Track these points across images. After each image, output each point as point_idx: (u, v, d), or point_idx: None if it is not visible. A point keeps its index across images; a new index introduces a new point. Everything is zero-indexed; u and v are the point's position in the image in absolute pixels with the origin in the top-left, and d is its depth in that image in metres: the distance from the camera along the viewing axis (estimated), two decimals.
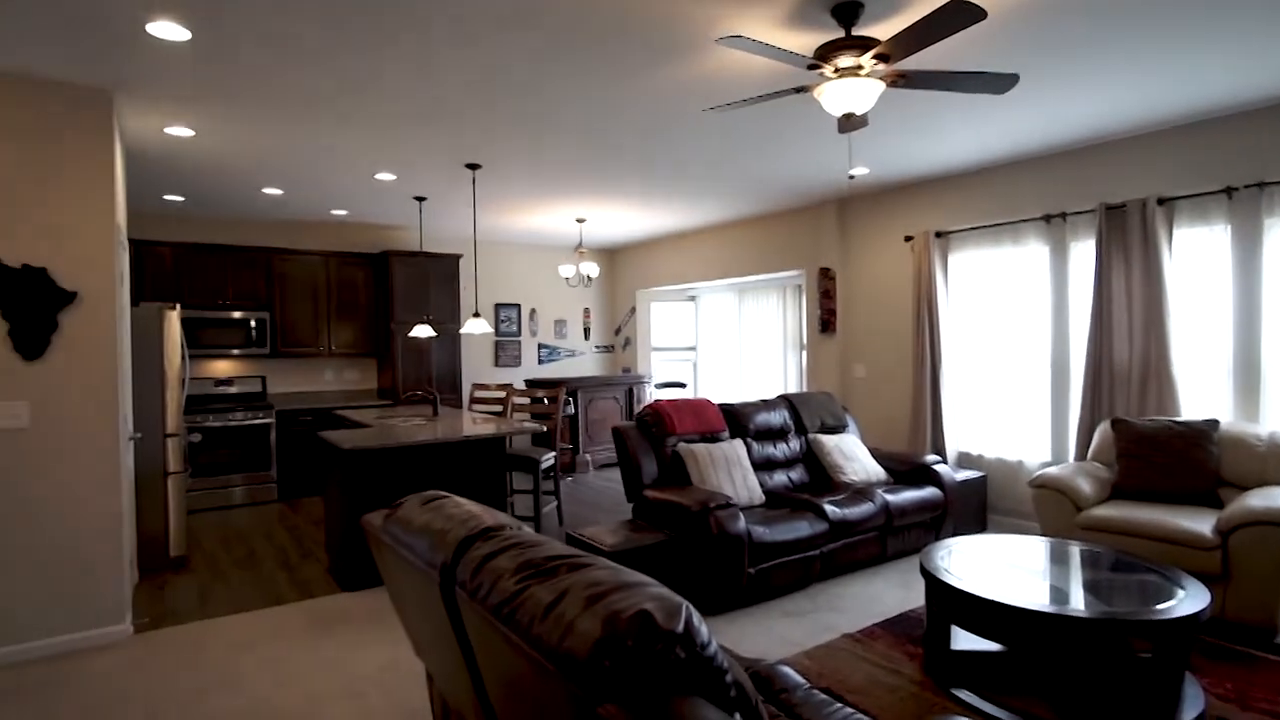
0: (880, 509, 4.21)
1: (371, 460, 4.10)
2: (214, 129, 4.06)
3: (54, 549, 3.29)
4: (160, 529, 4.49)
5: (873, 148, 4.69)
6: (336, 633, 3.44)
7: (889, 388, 6.00)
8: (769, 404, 4.84)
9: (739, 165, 5.08)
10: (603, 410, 7.92)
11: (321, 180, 5.33)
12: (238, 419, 6.31)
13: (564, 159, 4.82)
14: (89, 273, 3.38)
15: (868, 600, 3.79)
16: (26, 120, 3.25)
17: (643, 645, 0.99)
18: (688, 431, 4.33)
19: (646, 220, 7.28)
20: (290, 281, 6.86)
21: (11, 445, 3.21)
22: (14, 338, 3.20)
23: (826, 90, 2.67)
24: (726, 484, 4.09)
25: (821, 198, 6.27)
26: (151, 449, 4.47)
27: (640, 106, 3.77)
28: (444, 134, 4.21)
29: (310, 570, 4.45)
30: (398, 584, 1.88)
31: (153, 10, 2.63)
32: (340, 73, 3.26)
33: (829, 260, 6.39)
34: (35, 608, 3.25)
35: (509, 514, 4.81)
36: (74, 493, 3.34)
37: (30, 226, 3.25)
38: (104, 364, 3.41)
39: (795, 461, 4.78)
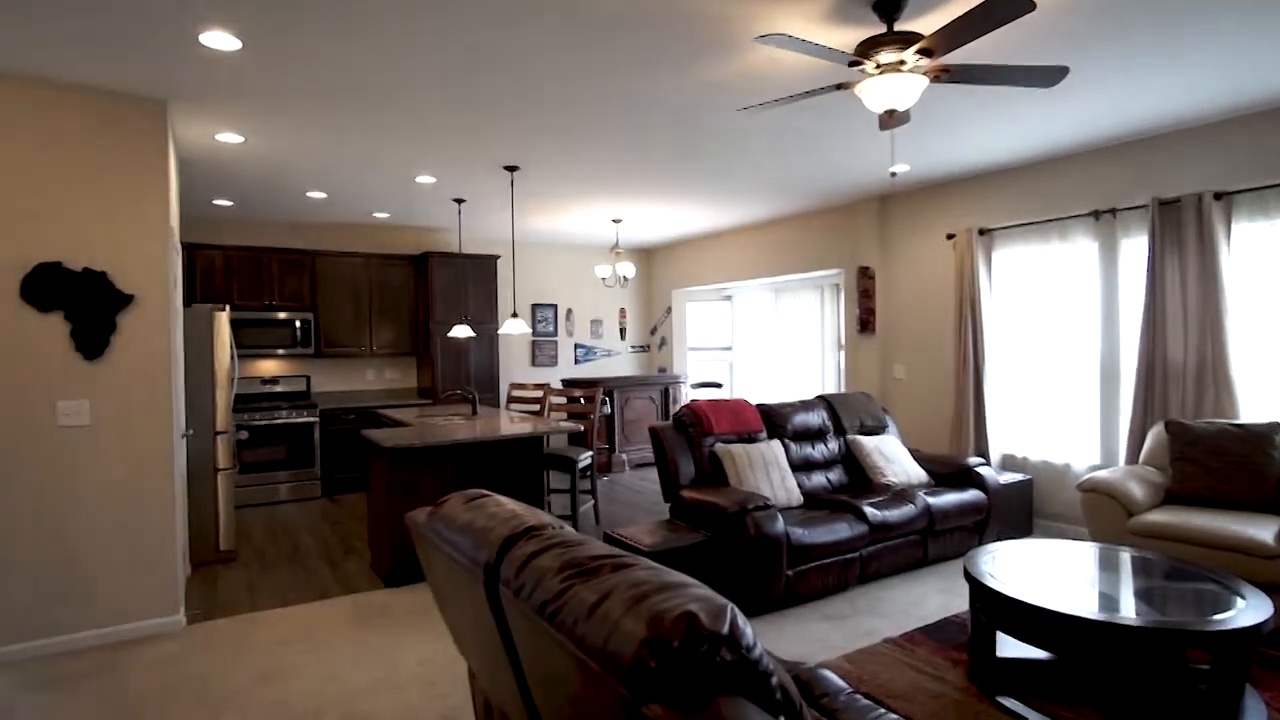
0: (921, 511, 4.13)
1: (412, 458, 4.17)
2: (262, 135, 4.17)
3: (112, 541, 3.42)
4: (211, 523, 4.63)
5: (914, 144, 4.61)
6: (378, 627, 3.51)
7: (930, 388, 5.89)
8: (807, 404, 4.79)
9: (777, 163, 5.04)
10: (639, 410, 7.93)
11: (364, 183, 5.44)
12: (283, 417, 6.47)
13: (600, 159, 4.84)
14: (145, 276, 3.50)
15: (909, 604, 3.73)
16: (87, 130, 3.38)
17: (688, 647, 0.99)
18: (725, 432, 4.31)
19: (683, 220, 7.27)
20: (333, 283, 7.02)
21: (74, 441, 3.34)
22: (76, 338, 3.33)
23: (868, 87, 2.64)
24: (764, 485, 4.07)
25: (861, 195, 6.19)
26: (202, 446, 4.61)
27: (678, 106, 3.76)
28: (483, 136, 4.26)
29: (353, 565, 4.55)
30: (441, 580, 1.91)
31: (205, 21, 2.72)
32: (383, 78, 3.32)
33: (868, 259, 6.30)
34: (95, 597, 3.38)
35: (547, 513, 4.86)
36: (131, 488, 3.46)
37: (91, 232, 3.38)
38: (159, 364, 3.53)
39: (834, 463, 4.72)
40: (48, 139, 3.30)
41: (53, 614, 3.29)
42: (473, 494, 1.93)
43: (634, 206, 6.48)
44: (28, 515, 3.25)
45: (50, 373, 3.29)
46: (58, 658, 3.23)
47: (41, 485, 3.28)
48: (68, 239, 3.33)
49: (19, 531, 3.24)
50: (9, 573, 3.22)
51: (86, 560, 3.37)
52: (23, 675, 3.06)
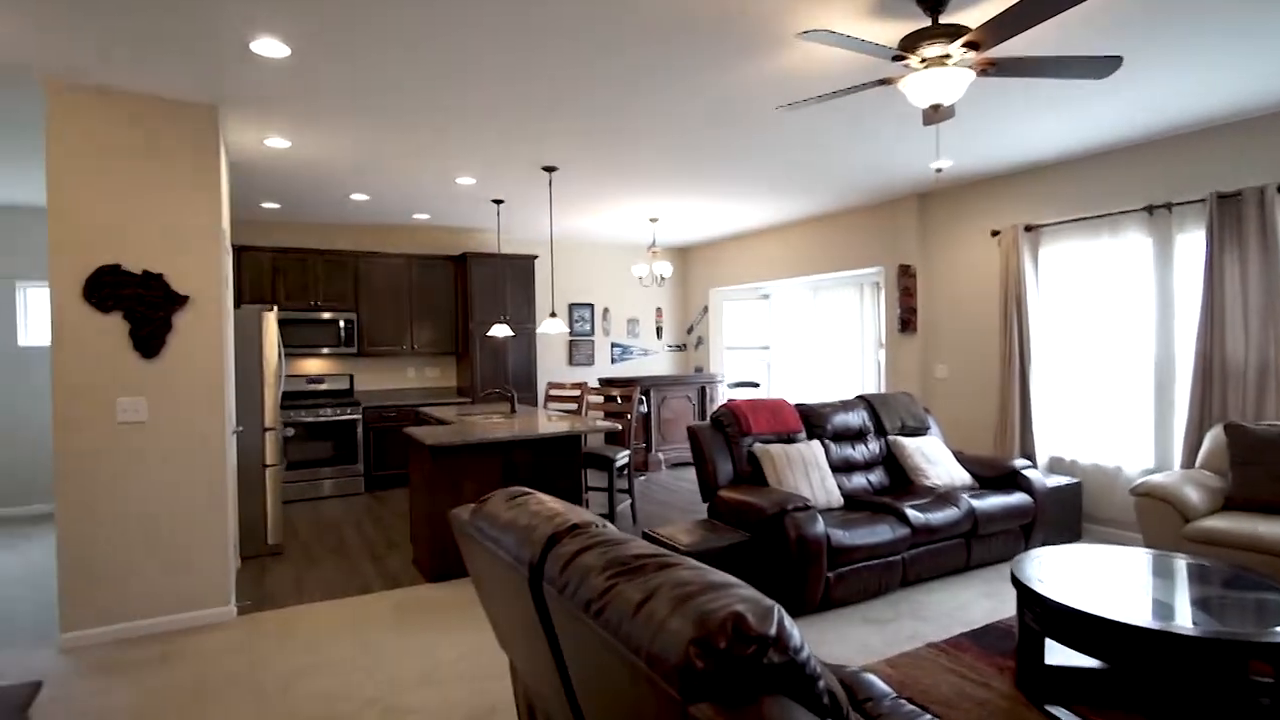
0: (965, 515, 4.05)
1: (454, 456, 4.22)
2: (308, 140, 4.27)
3: (168, 534, 3.54)
4: (259, 518, 4.76)
5: (958, 139, 4.51)
6: (421, 621, 3.57)
7: (973, 389, 5.77)
8: (847, 404, 4.73)
9: (816, 161, 4.98)
10: (675, 409, 7.92)
11: (405, 185, 5.53)
12: (327, 415, 6.62)
13: (638, 159, 4.84)
14: (199, 277, 3.61)
15: (953, 609, 3.65)
16: (144, 136, 3.50)
17: (736, 648, 0.98)
18: (763, 431, 4.27)
19: (720, 219, 7.24)
20: (375, 283, 7.15)
21: (133, 437, 3.46)
22: (134, 338, 3.46)
23: (912, 82, 2.59)
24: (804, 486, 4.03)
25: (902, 192, 6.08)
26: (251, 442, 4.74)
27: (717, 104, 3.75)
28: (522, 138, 4.30)
29: (396, 561, 4.63)
30: (484, 576, 1.93)
31: (256, 29, 2.79)
32: (425, 84, 3.37)
33: (909, 257, 6.19)
34: (151, 587, 3.50)
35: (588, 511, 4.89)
36: (185, 482, 3.58)
37: (148, 235, 3.50)
38: (212, 362, 3.64)
39: (875, 464, 4.66)
40: (108, 146, 3.42)
41: (112, 603, 3.42)
42: (515, 492, 1.95)
43: (671, 204, 6.48)
44: (90, 508, 3.38)
45: (111, 371, 3.42)
46: (117, 644, 3.35)
47: (103, 479, 3.41)
48: (126, 242, 3.45)
49: (82, 524, 3.37)
50: (73, 563, 3.35)
51: (144, 552, 3.49)
52: (89, 660, 3.19)
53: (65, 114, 3.34)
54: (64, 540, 3.34)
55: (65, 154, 3.35)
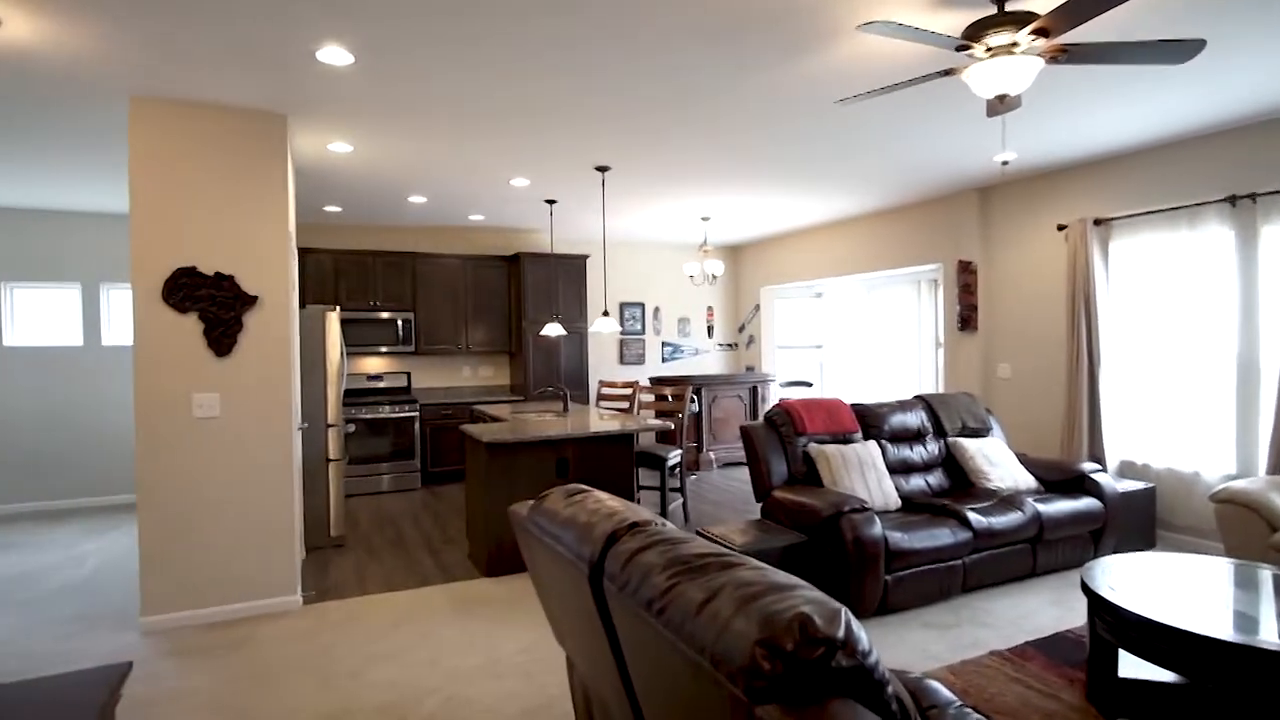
0: (1030, 519, 3.91)
1: (509, 453, 4.29)
2: (370, 144, 4.39)
3: (239, 525, 3.69)
4: (323, 511, 4.93)
5: (1022, 130, 4.36)
6: (478, 615, 3.63)
7: (1037, 389, 5.57)
8: (904, 404, 4.62)
9: (872, 155, 4.88)
10: (726, 409, 7.88)
11: (462, 187, 5.64)
12: (386, 412, 6.81)
13: (691, 156, 4.83)
14: (267, 278, 3.75)
15: (1017, 616, 3.54)
16: (217, 144, 3.66)
17: (803, 650, 0.97)
18: (818, 432, 4.21)
19: (772, 217, 7.16)
20: (432, 284, 7.32)
21: (206, 432, 3.62)
22: (208, 337, 3.62)
23: (977, 72, 2.51)
24: (860, 487, 3.95)
25: (961, 186, 5.91)
26: (315, 438, 4.91)
27: (772, 99, 3.71)
28: (576, 137, 4.34)
29: (452, 555, 4.73)
30: (543, 572, 1.96)
31: (322, 38, 2.89)
32: (482, 86, 3.43)
33: (969, 252, 6.02)
34: (223, 575, 3.66)
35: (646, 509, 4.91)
36: (255, 476, 3.72)
37: (220, 238, 3.65)
38: (279, 360, 3.78)
39: (934, 466, 4.54)
40: (184, 154, 3.59)
41: (188, 589, 3.59)
42: (573, 489, 1.96)
43: (724, 200, 6.44)
44: (168, 499, 3.56)
45: (187, 368, 3.59)
46: (193, 629, 3.52)
47: (179, 472, 3.57)
48: (200, 245, 3.61)
49: (161, 514, 3.54)
50: (152, 551, 3.53)
51: (217, 542, 3.65)
52: (168, 643, 3.35)
53: (145, 125, 3.52)
54: (144, 529, 3.52)
55: (145, 163, 3.52)
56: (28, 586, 4.21)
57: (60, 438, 6.24)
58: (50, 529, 5.56)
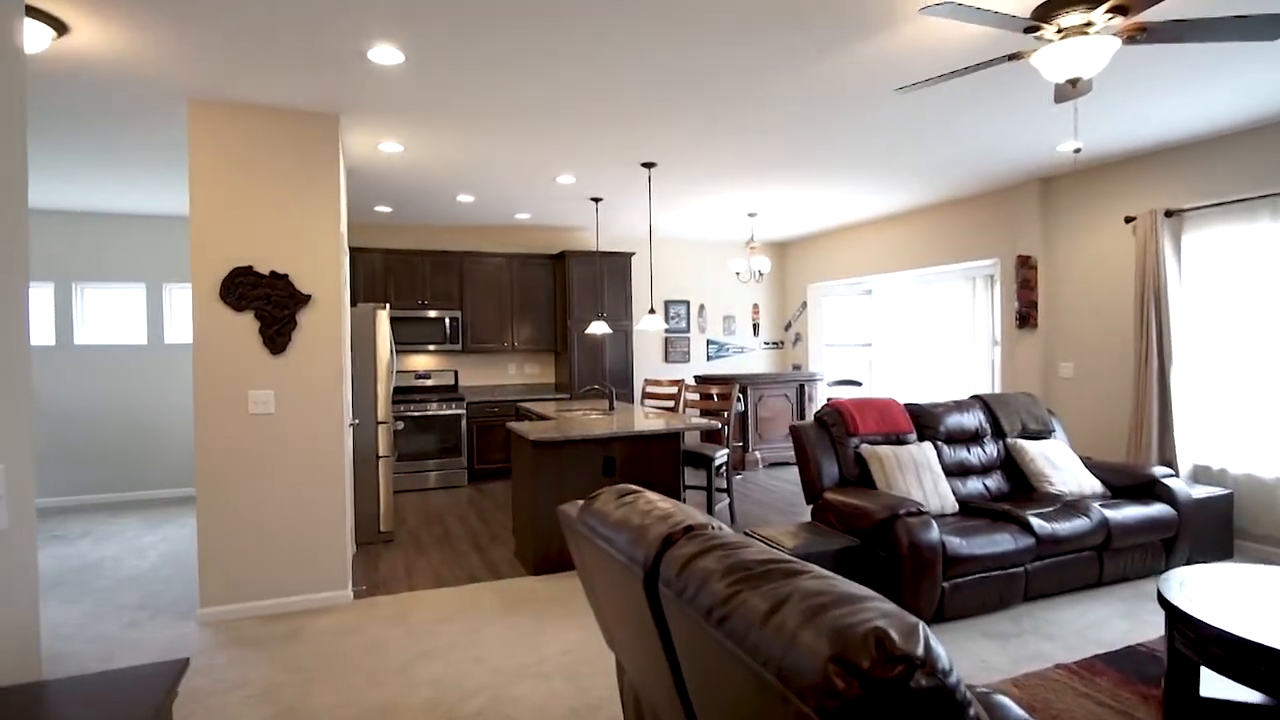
0: (1097, 526, 3.73)
1: (556, 451, 4.28)
2: (420, 143, 4.43)
3: (293, 520, 3.76)
4: (373, 506, 5.00)
5: (1089, 117, 4.16)
6: (525, 613, 3.63)
7: (1102, 389, 5.32)
8: (961, 404, 4.46)
9: (927, 146, 4.73)
10: (773, 408, 7.76)
11: (508, 185, 5.66)
12: (434, 409, 6.89)
13: (740, 152, 4.74)
14: (320, 277, 3.81)
15: (1084, 628, 3.37)
16: (272, 145, 3.72)
17: (879, 668, 0.90)
18: (871, 432, 4.09)
19: (820, 212, 7.02)
20: (478, 282, 7.38)
21: (263, 428, 3.70)
22: (263, 335, 3.69)
23: (1046, 55, 2.38)
24: (915, 489, 3.82)
25: (1020, 177, 5.69)
26: (366, 435, 4.98)
27: (827, 90, 3.61)
28: (622, 134, 4.30)
29: (499, 552, 4.74)
30: (594, 574, 1.92)
31: (373, 38, 2.90)
32: (530, 85, 3.42)
33: (1029, 247, 5.79)
34: (277, 569, 3.73)
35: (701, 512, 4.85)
36: (308, 471, 3.78)
37: (275, 238, 3.72)
38: (331, 358, 3.84)
39: (992, 468, 4.37)
40: (240, 155, 3.66)
41: (244, 582, 3.67)
42: (624, 490, 1.92)
43: (772, 195, 6.33)
44: (226, 494, 3.64)
45: (244, 365, 3.66)
46: (248, 620, 3.59)
47: (236, 467, 3.65)
48: (256, 245, 3.69)
49: (219, 509, 3.63)
50: (211, 544, 3.62)
51: (272, 536, 3.72)
52: (224, 634, 3.43)
53: (203, 128, 3.60)
54: (204, 524, 3.61)
55: (204, 164, 3.60)
56: (99, 575, 4.36)
57: (125, 433, 6.48)
58: (116, 520, 5.77)
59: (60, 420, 6.30)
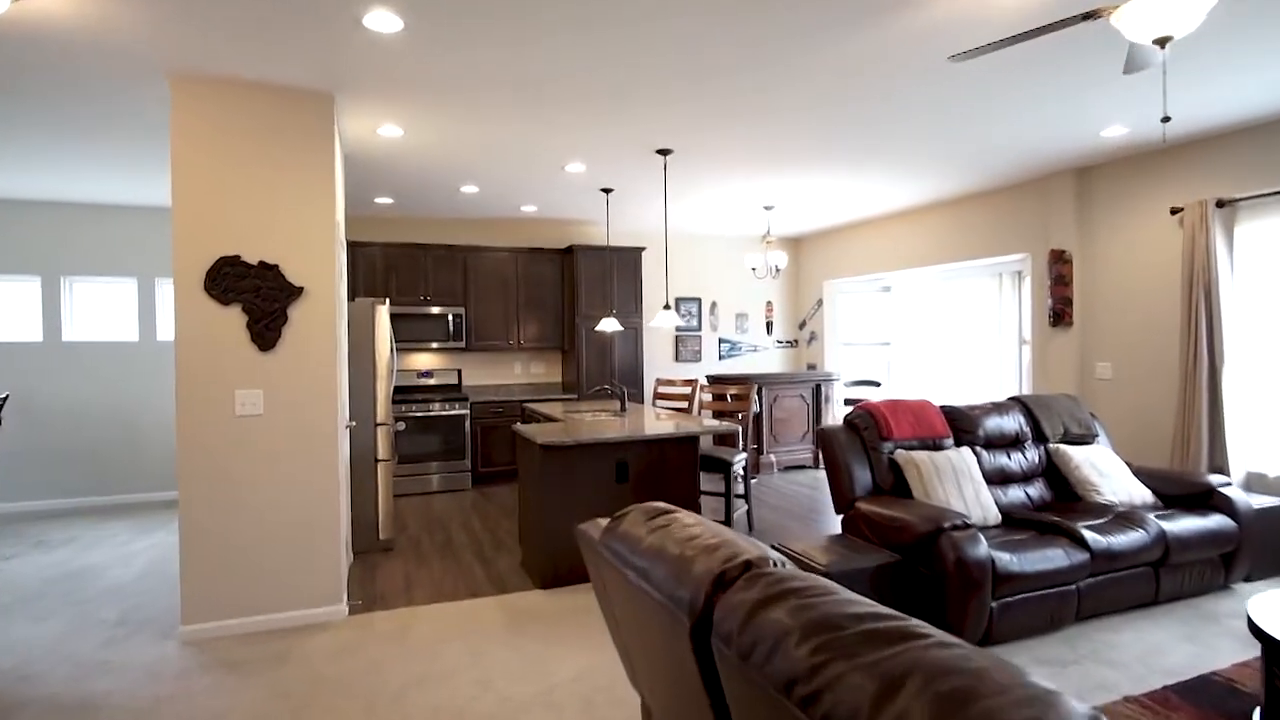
0: (1155, 539, 3.43)
1: (565, 455, 4.00)
2: (421, 127, 4.15)
3: (283, 529, 3.48)
4: (371, 513, 4.72)
5: (1131, 101, 3.86)
6: (532, 632, 3.34)
7: (1143, 391, 5.02)
8: (1000, 407, 4.16)
9: (960, 131, 4.43)
10: (788, 409, 7.46)
11: (515, 175, 5.37)
12: (437, 409, 6.61)
13: (760, 135, 4.45)
14: (313, 268, 3.53)
15: (1145, 653, 3.07)
16: (262, 126, 3.44)
17: None
18: (905, 437, 3.80)
19: (838, 205, 6.72)
20: (483, 277, 7.10)
21: (250, 430, 3.42)
22: (251, 330, 3.41)
23: (1133, 10, 2.09)
24: (955, 499, 3.53)
25: (1055, 167, 5.38)
26: (363, 437, 4.70)
27: (863, 65, 3.31)
28: (637, 117, 4.01)
29: (504, 563, 4.46)
30: (619, 607, 1.64)
31: (369, 1, 2.62)
32: (537, 61, 3.13)
33: (1063, 240, 5.48)
34: (267, 583, 3.45)
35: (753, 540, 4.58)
36: (299, 477, 3.51)
37: (264, 225, 3.44)
38: (325, 355, 3.56)
39: (1034, 475, 4.07)
40: (227, 137, 3.39)
41: (231, 597, 3.39)
42: (654, 510, 1.64)
43: (791, 184, 6.03)
44: (211, 501, 3.36)
45: (230, 363, 3.39)
46: (234, 639, 3.31)
47: (222, 472, 3.38)
48: (244, 233, 3.41)
49: (203, 517, 3.35)
50: (194, 556, 3.34)
51: (260, 547, 3.44)
52: (207, 655, 3.15)
53: (187, 106, 3.32)
54: (186, 532, 3.33)
55: (187, 145, 3.33)
56: (80, 586, 4.09)
57: (117, 433, 6.22)
58: (105, 524, 5.51)
59: (48, 420, 6.03)
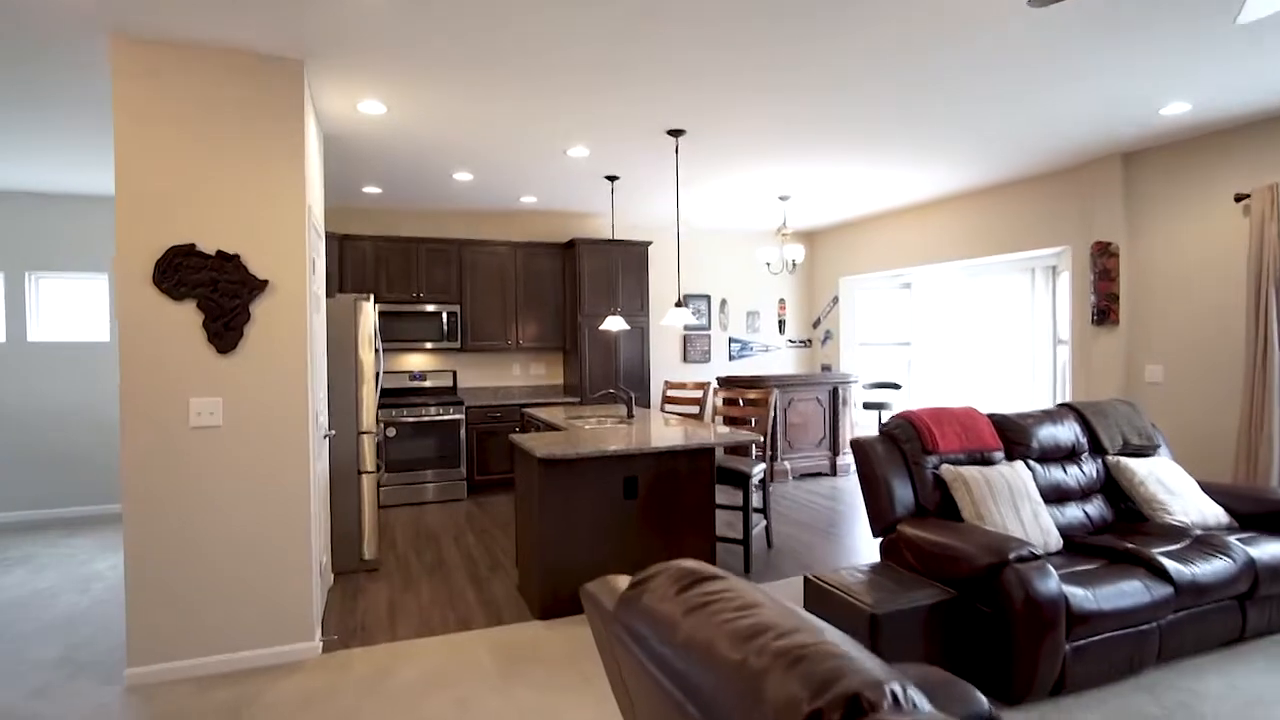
0: (1243, 568, 2.99)
1: (568, 469, 3.57)
2: (406, 103, 3.72)
3: (246, 557, 3.05)
4: (354, 531, 4.29)
5: (1200, 72, 3.42)
6: (530, 677, 2.91)
7: (1201, 396, 4.58)
8: (1051, 415, 3.73)
9: (1000, 109, 3.98)
10: (804, 413, 7.02)
11: (512, 161, 4.94)
12: (430, 414, 6.18)
13: (781, 113, 4.01)
14: (280, 259, 3.10)
15: (1243, 703, 2.64)
16: (219, 98, 3.01)
17: None
18: (952, 450, 3.36)
19: (858, 196, 6.27)
20: (479, 273, 6.67)
21: (206, 445, 2.99)
22: (209, 329, 2.98)
23: None
24: (1012, 522, 3.10)
25: (1100, 151, 4.94)
26: (345, 447, 4.27)
27: (881, 41, 2.88)
28: (646, 95, 3.57)
29: (499, 586, 4.03)
30: (642, 705, 1.20)
31: None
32: (537, 27, 2.69)
33: (1109, 231, 5.04)
34: (226, 617, 3.02)
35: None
36: (265, 496, 3.08)
37: (224, 210, 3.01)
38: (295, 357, 3.13)
39: (1092, 492, 3.64)
40: (181, 106, 2.95)
41: (184, 634, 2.96)
42: (688, 573, 1.20)
43: (809, 171, 5.59)
44: (160, 526, 2.94)
45: (183, 368, 2.96)
46: (190, 685, 2.89)
47: (175, 493, 2.95)
48: (200, 218, 2.98)
49: (152, 543, 2.92)
50: (141, 588, 2.91)
51: (219, 577, 3.02)
52: (155, 704, 2.72)
53: (131, 70, 2.89)
54: (132, 563, 2.90)
55: (132, 115, 2.90)
56: (22, 617, 3.66)
57: (87, 440, 5.79)
58: (68, 541, 5.08)
59: (12, 426, 5.61)
